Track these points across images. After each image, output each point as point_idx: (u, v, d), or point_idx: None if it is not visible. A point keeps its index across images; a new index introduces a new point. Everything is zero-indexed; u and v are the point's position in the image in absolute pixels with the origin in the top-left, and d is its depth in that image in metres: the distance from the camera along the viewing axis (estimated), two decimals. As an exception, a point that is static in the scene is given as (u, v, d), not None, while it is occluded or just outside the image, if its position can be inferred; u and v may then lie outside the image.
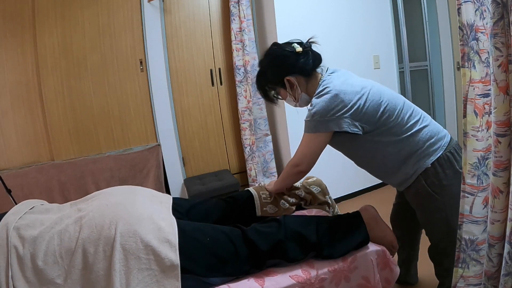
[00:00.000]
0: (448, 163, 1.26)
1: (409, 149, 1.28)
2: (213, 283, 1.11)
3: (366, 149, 1.33)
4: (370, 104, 1.25)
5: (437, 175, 1.26)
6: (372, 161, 1.37)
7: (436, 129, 1.31)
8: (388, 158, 1.31)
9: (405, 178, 1.32)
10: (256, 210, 1.47)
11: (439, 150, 1.27)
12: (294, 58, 1.34)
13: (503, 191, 0.97)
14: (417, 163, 1.28)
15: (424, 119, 1.32)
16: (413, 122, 1.28)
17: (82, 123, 2.50)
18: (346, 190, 2.91)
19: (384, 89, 1.32)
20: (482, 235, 1.10)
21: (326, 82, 1.31)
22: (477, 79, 1.00)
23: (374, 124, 1.27)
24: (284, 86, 1.39)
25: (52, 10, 2.34)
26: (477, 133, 1.04)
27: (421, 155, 1.27)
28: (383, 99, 1.27)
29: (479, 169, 1.06)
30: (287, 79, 1.36)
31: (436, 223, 1.32)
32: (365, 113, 1.25)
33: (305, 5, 2.65)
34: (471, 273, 1.14)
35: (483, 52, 0.99)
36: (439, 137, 1.29)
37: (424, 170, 1.27)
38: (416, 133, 1.28)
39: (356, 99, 1.24)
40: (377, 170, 1.40)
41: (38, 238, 1.07)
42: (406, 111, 1.29)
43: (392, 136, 1.28)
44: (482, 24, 0.98)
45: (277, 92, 1.45)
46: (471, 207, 1.09)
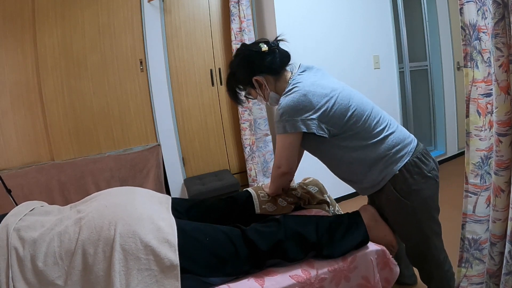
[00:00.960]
0: (416, 168, 1.25)
1: (375, 155, 1.26)
2: (213, 283, 1.11)
3: (332, 154, 1.32)
4: (338, 108, 1.24)
5: (406, 180, 1.25)
6: (339, 166, 1.36)
7: (403, 136, 1.30)
8: (354, 163, 1.30)
9: (372, 184, 1.31)
10: (255, 208, 1.47)
11: (406, 156, 1.26)
12: (260, 58, 1.35)
13: (505, 190, 0.97)
14: (384, 170, 1.26)
15: (391, 125, 1.31)
16: (380, 129, 1.27)
17: (82, 123, 2.49)
18: (346, 190, 2.90)
19: (354, 94, 1.31)
20: (485, 234, 1.11)
21: (296, 81, 1.30)
22: (480, 78, 1.00)
23: (341, 127, 1.26)
24: (254, 86, 1.39)
25: (52, 10, 2.34)
26: (480, 133, 1.04)
27: (388, 161, 1.26)
28: (351, 104, 1.26)
29: (482, 169, 1.06)
30: (255, 79, 1.37)
31: (409, 228, 1.31)
32: (332, 116, 1.24)
33: (305, 5, 2.64)
34: (474, 272, 1.14)
35: (485, 52, 0.99)
36: (406, 143, 1.28)
37: (392, 176, 1.26)
38: (382, 139, 1.27)
39: (324, 101, 1.23)
40: (344, 175, 1.38)
41: (38, 240, 1.07)
42: (374, 117, 1.28)
43: (359, 141, 1.27)
44: (484, 24, 0.98)
45: (247, 92, 1.45)
46: (475, 206, 1.09)
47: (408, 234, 1.34)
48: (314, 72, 1.35)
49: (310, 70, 1.36)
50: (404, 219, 1.30)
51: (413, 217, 1.27)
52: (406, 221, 1.30)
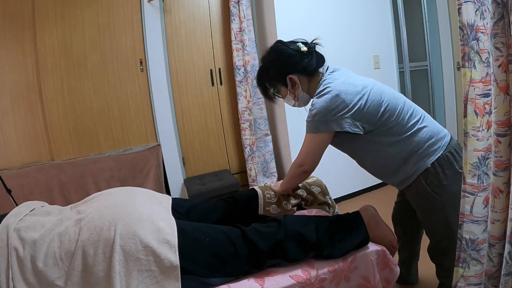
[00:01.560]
0: (448, 163, 1.26)
1: (409, 149, 1.28)
2: (213, 283, 1.11)
3: (367, 149, 1.33)
4: (371, 104, 1.25)
5: (437, 175, 1.26)
6: (373, 161, 1.37)
7: (436, 129, 1.31)
8: (388, 158, 1.31)
9: (405, 178, 1.32)
10: (259, 208, 1.47)
11: (439, 150, 1.27)
12: (298, 57, 1.34)
13: (503, 191, 0.97)
14: (417, 163, 1.28)
15: (425, 119, 1.32)
16: (413, 122, 1.28)
17: (82, 123, 2.50)
18: (346, 190, 2.91)
19: (385, 88, 1.32)
20: (482, 234, 1.10)
21: (327, 81, 1.31)
22: (478, 79, 1.00)
23: (375, 124, 1.26)
24: (286, 84, 1.38)
25: (52, 10, 2.34)
26: (478, 133, 1.04)
27: (421, 155, 1.27)
28: (384, 99, 1.27)
29: (480, 169, 1.06)
30: (290, 77, 1.36)
31: (436, 222, 1.32)
32: (366, 113, 1.25)
33: (305, 5, 2.65)
34: (472, 273, 1.14)
35: (483, 52, 0.99)
36: (439, 137, 1.29)
37: (424, 170, 1.27)
38: (416, 132, 1.28)
39: (357, 99, 1.24)
40: (378, 170, 1.40)
41: (39, 240, 1.07)
42: (407, 111, 1.29)
43: (393, 136, 1.28)
44: (483, 24, 0.97)
45: (277, 90, 1.44)
46: (472, 207, 1.09)
47: (435, 229, 1.35)
48: (343, 71, 1.36)
49: (338, 70, 1.37)
50: (432, 213, 1.31)
51: (442, 212, 1.28)
52: (434, 216, 1.31)
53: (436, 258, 1.44)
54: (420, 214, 1.38)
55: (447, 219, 1.28)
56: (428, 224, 1.38)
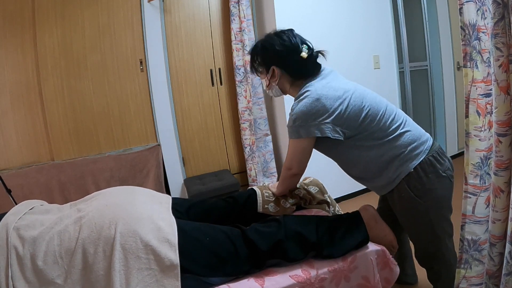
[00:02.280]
0: (431, 167, 1.25)
1: (391, 153, 1.26)
2: (213, 283, 1.11)
3: (348, 154, 1.32)
4: (352, 109, 1.24)
5: (420, 179, 1.24)
6: (354, 166, 1.36)
7: (418, 133, 1.30)
8: (370, 162, 1.29)
9: (387, 182, 1.30)
10: (258, 206, 1.47)
11: (421, 154, 1.26)
12: (293, 59, 1.32)
13: (504, 190, 0.97)
14: (399, 167, 1.26)
15: (406, 123, 1.30)
16: (395, 127, 1.27)
17: (82, 123, 2.49)
18: (346, 190, 2.90)
19: (366, 93, 1.30)
20: (484, 235, 1.10)
21: (309, 83, 1.30)
22: (479, 79, 1.00)
23: (356, 129, 1.25)
24: (268, 70, 1.37)
25: (52, 10, 2.34)
26: (480, 133, 1.04)
27: (404, 159, 1.25)
28: (365, 104, 1.25)
29: (482, 169, 1.06)
30: (273, 69, 1.35)
31: (420, 227, 1.31)
32: (347, 118, 1.23)
33: (305, 5, 2.65)
34: (474, 273, 1.14)
35: (485, 52, 0.99)
36: (421, 141, 1.28)
37: (407, 174, 1.25)
38: (398, 137, 1.26)
39: (338, 104, 1.22)
40: (360, 174, 1.38)
41: (38, 239, 1.07)
42: (389, 115, 1.28)
43: (374, 140, 1.26)
44: (484, 24, 0.98)
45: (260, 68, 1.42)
46: (474, 207, 1.09)
47: (419, 234, 1.34)
48: (326, 73, 1.34)
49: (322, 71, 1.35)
50: (416, 218, 1.30)
51: (426, 216, 1.27)
52: (418, 221, 1.30)
53: (425, 263, 1.42)
54: (404, 220, 1.36)
55: (432, 223, 1.27)
56: (412, 230, 1.36)
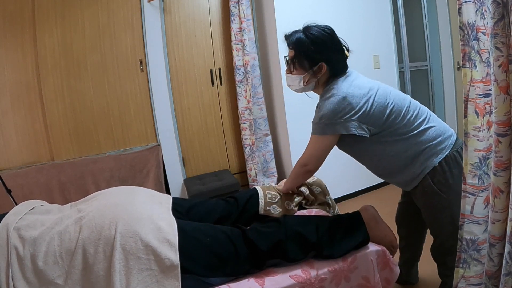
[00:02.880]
0: (455, 162, 1.27)
1: (415, 148, 1.28)
2: (213, 283, 1.11)
3: (373, 150, 1.33)
4: (377, 107, 1.25)
5: (444, 174, 1.26)
6: (379, 161, 1.37)
7: (443, 128, 1.32)
8: (395, 158, 1.31)
9: (412, 177, 1.32)
10: (259, 208, 1.47)
11: (446, 149, 1.27)
12: (341, 56, 1.35)
13: (504, 190, 0.97)
14: (424, 162, 1.28)
15: (431, 118, 1.32)
16: (419, 122, 1.29)
17: (82, 123, 2.50)
18: (346, 190, 2.91)
19: (390, 90, 1.32)
20: (483, 235, 1.10)
21: (334, 83, 1.31)
22: (478, 79, 1.00)
23: (381, 126, 1.27)
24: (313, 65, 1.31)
25: (52, 10, 2.34)
26: (478, 133, 1.04)
27: (428, 154, 1.27)
28: (389, 101, 1.27)
29: (480, 169, 1.06)
30: (322, 65, 1.31)
31: (442, 222, 1.32)
32: (372, 115, 1.25)
33: (305, 5, 2.64)
34: (472, 273, 1.14)
35: (484, 52, 0.99)
36: (446, 136, 1.30)
37: (432, 169, 1.27)
38: (422, 132, 1.28)
39: (363, 102, 1.24)
40: (384, 170, 1.39)
41: (39, 239, 1.07)
42: (413, 111, 1.29)
43: (399, 136, 1.28)
44: (483, 24, 0.97)
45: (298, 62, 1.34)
46: (472, 207, 1.09)
47: (440, 228, 1.35)
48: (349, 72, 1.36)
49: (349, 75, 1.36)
50: (438, 212, 1.31)
51: (448, 210, 1.28)
52: (441, 215, 1.31)
53: (439, 257, 1.44)
54: (426, 214, 1.38)
55: (453, 218, 1.28)
56: (434, 224, 1.38)
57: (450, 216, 1.29)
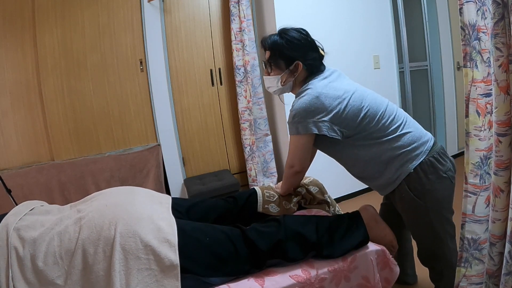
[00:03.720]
0: (431, 168, 1.25)
1: (390, 153, 1.26)
2: (213, 283, 1.11)
3: (347, 154, 1.32)
4: (351, 109, 1.24)
5: (420, 180, 1.25)
6: (354, 165, 1.36)
7: (419, 134, 1.30)
8: (369, 162, 1.30)
9: (388, 183, 1.31)
10: (258, 206, 1.48)
11: (421, 155, 1.26)
12: (316, 55, 1.36)
13: (504, 190, 0.97)
14: (400, 168, 1.26)
15: (407, 123, 1.30)
16: (394, 127, 1.27)
17: (82, 123, 2.49)
18: (346, 190, 2.90)
19: (367, 94, 1.31)
20: (484, 234, 1.11)
21: (310, 83, 1.31)
22: (479, 79, 1.00)
23: (354, 129, 1.26)
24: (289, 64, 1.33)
25: (52, 10, 2.34)
26: (480, 133, 1.04)
27: (403, 160, 1.26)
28: (364, 104, 1.26)
29: (482, 169, 1.06)
30: (298, 63, 1.33)
31: (421, 228, 1.31)
32: (345, 117, 1.24)
33: (305, 5, 2.65)
34: (474, 272, 1.14)
35: (485, 52, 0.99)
36: (422, 142, 1.28)
37: (407, 175, 1.25)
38: (397, 137, 1.26)
39: (336, 103, 1.24)
40: (360, 174, 1.39)
41: (38, 239, 1.07)
42: (388, 116, 1.28)
43: (373, 140, 1.27)
44: (484, 24, 0.98)
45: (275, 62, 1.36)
46: (474, 206, 1.09)
47: (421, 234, 1.34)
48: (329, 73, 1.35)
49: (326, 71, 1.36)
50: (417, 219, 1.30)
51: (426, 217, 1.27)
52: (419, 221, 1.30)
53: (426, 262, 1.42)
54: (405, 219, 1.37)
55: (432, 224, 1.27)
56: (414, 229, 1.37)
57: (429, 222, 1.28)
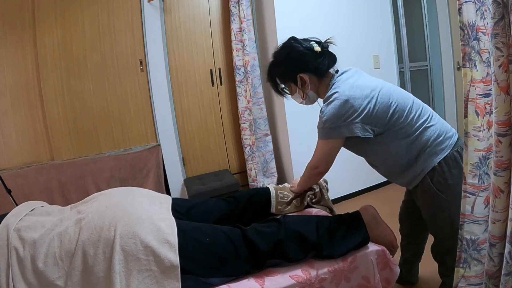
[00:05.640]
0: (455, 162, 1.27)
1: (418, 147, 1.28)
2: (213, 283, 1.11)
3: (377, 150, 1.33)
4: (380, 107, 1.25)
5: (443, 174, 1.26)
6: (383, 161, 1.37)
7: (444, 128, 1.31)
8: (399, 158, 1.31)
9: (413, 177, 1.32)
10: (271, 207, 1.51)
11: (446, 149, 1.27)
12: (311, 57, 1.34)
13: (504, 190, 0.97)
14: (425, 162, 1.28)
15: (433, 117, 1.32)
16: (422, 121, 1.29)
17: (82, 123, 2.50)
18: (346, 190, 2.90)
19: (393, 89, 1.32)
20: (483, 234, 1.10)
21: (336, 85, 1.31)
22: (478, 79, 1.00)
23: (385, 126, 1.27)
24: (296, 81, 1.38)
25: (52, 10, 2.34)
26: (478, 133, 1.04)
27: (429, 153, 1.27)
28: (392, 100, 1.27)
29: (481, 169, 1.06)
30: (300, 76, 1.36)
31: (441, 222, 1.32)
32: (375, 116, 1.25)
33: (305, 5, 2.64)
34: (473, 273, 1.14)
35: (484, 52, 0.99)
36: (447, 136, 1.29)
37: (431, 168, 1.27)
38: (424, 131, 1.28)
39: (366, 103, 1.24)
40: (388, 170, 1.40)
41: (39, 240, 1.07)
42: (415, 111, 1.29)
43: (402, 135, 1.28)
44: (483, 24, 0.97)
45: (287, 86, 1.44)
46: (473, 207, 1.09)
47: (439, 228, 1.35)
48: (352, 73, 1.36)
49: (348, 71, 1.37)
50: (437, 213, 1.31)
51: (447, 211, 1.28)
52: (439, 215, 1.31)
53: (439, 257, 1.44)
54: (425, 213, 1.38)
55: (451, 218, 1.28)
56: (432, 223, 1.38)
57: (449, 217, 1.29)
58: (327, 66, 1.36)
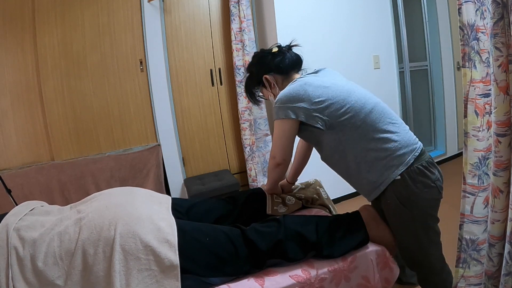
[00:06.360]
0: (420, 176, 1.20)
1: (375, 154, 1.23)
2: (213, 283, 1.12)
3: (331, 147, 1.29)
4: (335, 100, 1.23)
5: (407, 187, 1.20)
6: (339, 162, 1.33)
7: (408, 140, 1.25)
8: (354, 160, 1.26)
9: (372, 187, 1.27)
10: (267, 208, 1.49)
11: (409, 161, 1.21)
12: (270, 58, 1.44)
13: (503, 190, 0.97)
14: (384, 172, 1.23)
15: (398, 127, 1.27)
16: (383, 128, 1.23)
17: (82, 123, 2.49)
18: (346, 190, 2.90)
19: (356, 89, 1.29)
20: (482, 235, 1.11)
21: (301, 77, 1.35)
22: (478, 79, 1.00)
23: (336, 118, 1.23)
24: (265, 85, 1.46)
25: (52, 10, 2.34)
26: (478, 133, 1.04)
27: (389, 164, 1.22)
28: (351, 98, 1.24)
29: (480, 169, 1.06)
30: (265, 77, 1.43)
31: (406, 235, 1.28)
32: (327, 107, 1.23)
33: (305, 5, 2.64)
34: (472, 273, 1.14)
35: (483, 52, 0.99)
36: (411, 149, 1.23)
37: (393, 181, 1.22)
38: (385, 139, 1.23)
39: (320, 92, 1.24)
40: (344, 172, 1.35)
41: (38, 240, 1.07)
42: (376, 115, 1.24)
43: (358, 136, 1.24)
44: (483, 24, 0.98)
45: (260, 92, 1.52)
46: (472, 207, 1.09)
47: (404, 241, 1.30)
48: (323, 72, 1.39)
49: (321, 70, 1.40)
50: (401, 226, 1.27)
51: (411, 225, 1.24)
52: (403, 228, 1.27)
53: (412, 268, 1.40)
54: (391, 225, 1.33)
55: (416, 232, 1.24)
56: (398, 237, 1.33)
57: (414, 230, 1.24)
58: (287, 64, 1.42)
